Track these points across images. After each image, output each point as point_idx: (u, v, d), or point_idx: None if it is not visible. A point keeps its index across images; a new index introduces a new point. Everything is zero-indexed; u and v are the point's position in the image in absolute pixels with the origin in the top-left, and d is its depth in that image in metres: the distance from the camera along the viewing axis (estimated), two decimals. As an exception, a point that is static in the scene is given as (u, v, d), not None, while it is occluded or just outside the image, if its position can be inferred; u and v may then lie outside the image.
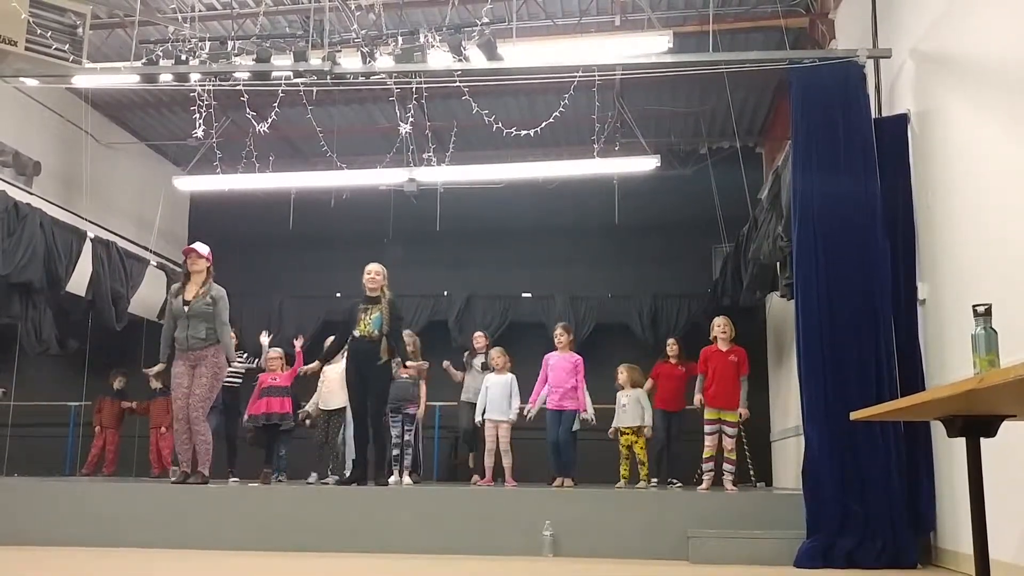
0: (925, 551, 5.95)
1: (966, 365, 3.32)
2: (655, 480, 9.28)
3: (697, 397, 8.27)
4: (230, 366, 8.11)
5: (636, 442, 8.94)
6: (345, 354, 8.29)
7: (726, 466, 7.95)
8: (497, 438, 8.86)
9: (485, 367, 9.39)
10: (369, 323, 7.81)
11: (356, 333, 7.85)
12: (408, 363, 8.11)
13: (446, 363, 10.17)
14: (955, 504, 5.62)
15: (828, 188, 6.40)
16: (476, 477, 9.53)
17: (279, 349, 9.58)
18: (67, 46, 7.69)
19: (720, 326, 8.20)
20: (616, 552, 6.38)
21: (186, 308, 7.61)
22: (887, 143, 6.48)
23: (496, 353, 9.23)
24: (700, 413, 8.34)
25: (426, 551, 6.49)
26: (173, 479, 7.84)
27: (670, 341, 9.85)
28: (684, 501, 6.98)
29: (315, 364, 8.38)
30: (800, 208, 6.49)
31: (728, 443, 7.94)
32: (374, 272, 7.99)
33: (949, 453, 5.64)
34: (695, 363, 8.45)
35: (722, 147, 12.61)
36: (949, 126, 5.82)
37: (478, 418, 9.03)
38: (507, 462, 8.84)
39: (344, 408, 8.92)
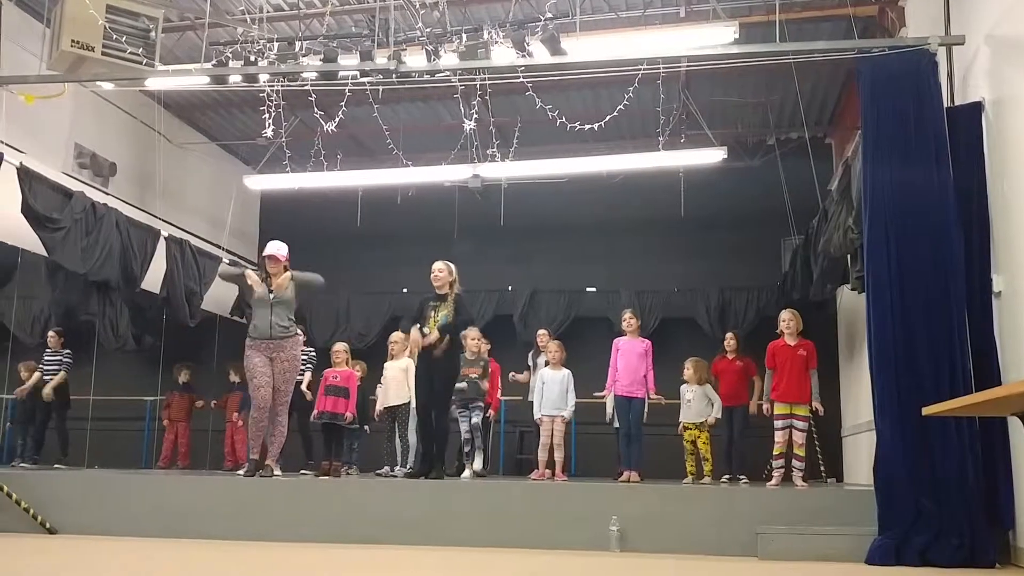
0: (1004, 550, 5.80)
1: (1044, 359, 3.24)
2: (726, 476, 9.18)
3: (765, 406, 8.20)
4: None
5: (699, 437, 8.89)
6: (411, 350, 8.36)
7: (795, 463, 7.86)
8: (552, 432, 8.85)
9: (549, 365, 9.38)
10: (437, 321, 7.92)
11: (425, 331, 7.95)
12: (426, 333, 7.84)
13: (512, 374, 10.29)
14: (1035, 502, 5.48)
15: (899, 179, 6.29)
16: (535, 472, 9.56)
17: (344, 343, 9.70)
18: (140, 49, 7.91)
19: (786, 320, 8.11)
20: (684, 548, 6.34)
21: (271, 295, 7.75)
22: (960, 132, 6.34)
23: (555, 347, 9.18)
24: (764, 411, 8.30)
25: (493, 544, 6.53)
26: (243, 473, 8.00)
27: (728, 335, 9.72)
28: (753, 497, 6.91)
29: (416, 335, 7.95)
30: (871, 199, 6.39)
31: (799, 438, 7.85)
32: (437, 270, 8.07)
33: (1028, 449, 5.50)
34: (751, 357, 8.31)
35: (790, 138, 12.39)
36: (1027, 113, 5.66)
37: (537, 415, 9.03)
38: (558, 456, 8.77)
39: (407, 404, 9.06)
